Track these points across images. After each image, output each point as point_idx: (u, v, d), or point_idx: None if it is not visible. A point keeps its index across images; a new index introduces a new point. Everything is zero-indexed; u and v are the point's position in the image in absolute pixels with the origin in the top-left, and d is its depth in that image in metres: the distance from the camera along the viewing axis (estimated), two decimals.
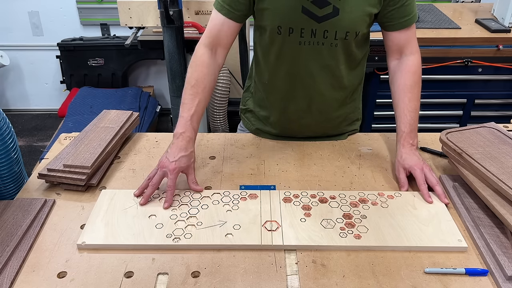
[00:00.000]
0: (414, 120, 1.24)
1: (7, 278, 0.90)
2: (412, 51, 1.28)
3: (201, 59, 1.24)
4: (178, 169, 1.13)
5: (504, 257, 0.93)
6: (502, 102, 2.45)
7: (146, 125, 2.95)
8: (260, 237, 0.99)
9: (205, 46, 1.25)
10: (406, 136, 1.23)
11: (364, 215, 1.07)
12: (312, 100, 1.34)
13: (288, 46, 1.24)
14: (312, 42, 1.22)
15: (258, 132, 1.47)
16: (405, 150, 1.22)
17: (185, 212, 1.07)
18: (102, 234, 1.00)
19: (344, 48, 1.24)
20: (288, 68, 1.29)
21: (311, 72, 1.28)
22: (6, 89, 3.62)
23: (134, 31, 2.61)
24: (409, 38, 1.27)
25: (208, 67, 1.24)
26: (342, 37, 1.21)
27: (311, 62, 1.26)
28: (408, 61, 1.28)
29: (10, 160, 1.21)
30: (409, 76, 1.26)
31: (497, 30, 2.30)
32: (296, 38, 1.22)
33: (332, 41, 1.22)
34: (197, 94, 1.21)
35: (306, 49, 1.24)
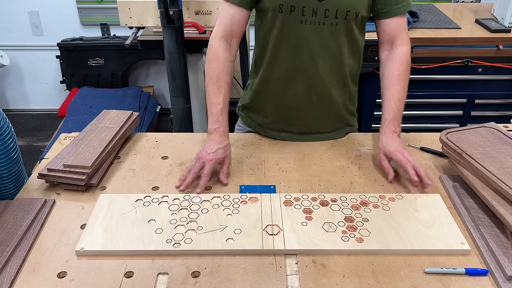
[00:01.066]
0: (399, 109, 1.28)
1: (7, 278, 0.90)
2: (403, 42, 1.32)
3: (219, 53, 1.28)
4: (215, 160, 1.20)
5: (504, 257, 0.93)
6: (502, 102, 2.45)
7: (146, 125, 2.95)
8: (262, 241, 0.99)
9: (220, 39, 1.28)
10: (388, 123, 1.27)
11: (366, 218, 1.06)
12: (311, 84, 1.34)
13: (290, 26, 1.26)
14: (313, 22, 1.24)
15: (255, 125, 1.48)
16: (386, 137, 1.26)
17: (185, 217, 1.06)
18: (100, 239, 0.99)
19: (345, 28, 1.27)
20: (289, 49, 1.30)
21: (312, 53, 1.29)
22: (6, 89, 3.62)
23: (134, 31, 2.61)
24: (401, 27, 1.31)
25: (226, 61, 1.28)
26: (343, 17, 1.24)
27: (312, 42, 1.28)
28: (398, 52, 1.32)
29: (10, 160, 1.21)
30: (397, 67, 1.31)
31: (497, 30, 2.30)
32: (297, 17, 1.24)
33: (333, 20, 1.24)
34: (221, 89, 1.26)
35: (307, 28, 1.25)
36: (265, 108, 1.44)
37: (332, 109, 1.41)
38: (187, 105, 2.47)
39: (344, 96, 1.41)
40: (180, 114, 2.48)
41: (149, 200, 1.11)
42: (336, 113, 1.43)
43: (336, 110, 1.42)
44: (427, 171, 1.24)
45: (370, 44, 2.19)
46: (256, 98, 1.45)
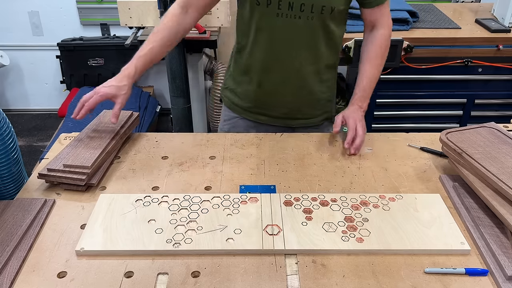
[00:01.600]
0: (369, 87, 1.42)
1: (7, 278, 0.90)
2: (383, 26, 1.41)
3: (169, 14, 1.34)
4: (105, 94, 1.24)
5: (504, 257, 0.93)
6: (502, 102, 2.45)
7: (146, 125, 2.95)
8: (262, 241, 0.99)
9: (178, 4, 1.35)
10: (357, 99, 1.41)
11: (366, 218, 1.06)
12: (289, 74, 1.41)
13: (266, 18, 1.32)
14: (289, 15, 1.29)
15: (237, 109, 1.54)
16: (352, 107, 1.40)
17: (185, 217, 1.06)
18: (100, 239, 0.99)
19: (320, 23, 1.32)
20: (266, 41, 1.36)
21: (288, 45, 1.35)
22: (6, 89, 3.62)
23: (134, 31, 2.61)
24: (382, 14, 1.40)
25: (172, 21, 1.33)
26: (319, 11, 1.28)
27: (288, 34, 1.33)
28: (377, 34, 1.41)
29: (10, 160, 1.21)
30: (375, 48, 1.41)
31: (497, 30, 2.29)
32: (273, 10, 1.29)
33: (309, 14, 1.29)
34: (153, 41, 1.31)
35: (283, 21, 1.30)
36: (245, 93, 1.50)
37: (310, 97, 1.48)
38: (187, 105, 2.47)
39: (321, 85, 1.47)
40: (180, 114, 2.48)
41: (149, 200, 1.11)
42: (313, 101, 1.50)
43: (314, 98, 1.49)
44: (426, 171, 1.25)
45: None
46: (236, 83, 1.52)
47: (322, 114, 1.55)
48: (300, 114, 1.52)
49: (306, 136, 1.43)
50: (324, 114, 1.56)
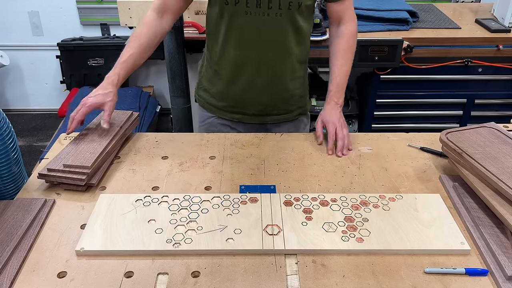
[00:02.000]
0: (342, 82, 1.42)
1: (7, 278, 0.90)
2: (349, 20, 1.43)
3: (146, 20, 1.38)
4: (93, 104, 1.27)
5: (504, 257, 0.93)
6: (502, 102, 2.45)
7: (146, 125, 2.95)
8: (262, 241, 0.99)
9: (153, 10, 1.39)
10: (332, 95, 1.42)
11: (366, 218, 1.06)
12: (261, 72, 1.42)
13: (236, 17, 1.33)
14: (258, 13, 1.31)
15: (211, 108, 1.55)
16: (328, 106, 1.41)
17: (185, 217, 1.06)
18: (100, 239, 0.99)
19: (289, 18, 1.33)
20: (237, 39, 1.37)
21: (259, 43, 1.36)
22: (6, 89, 3.62)
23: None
24: (346, 8, 1.42)
25: (149, 27, 1.37)
26: (286, 7, 1.30)
27: (258, 32, 1.35)
28: (344, 29, 1.43)
29: (9, 160, 1.21)
30: (343, 42, 1.43)
31: (497, 30, 2.29)
32: (242, 9, 1.31)
33: (277, 11, 1.30)
34: (132, 48, 1.34)
35: (252, 19, 1.32)
36: (219, 92, 1.51)
37: (283, 93, 1.49)
38: (187, 105, 2.47)
39: (294, 81, 1.48)
40: (180, 114, 2.48)
41: (149, 200, 1.11)
42: (286, 97, 1.51)
43: (287, 94, 1.50)
44: (426, 171, 1.25)
45: (370, 44, 2.20)
46: (210, 83, 1.53)
47: (296, 109, 1.56)
48: (275, 110, 1.53)
49: (306, 136, 1.43)
50: (298, 110, 1.56)
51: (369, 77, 2.40)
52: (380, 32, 2.27)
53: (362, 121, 2.53)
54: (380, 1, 2.44)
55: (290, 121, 1.57)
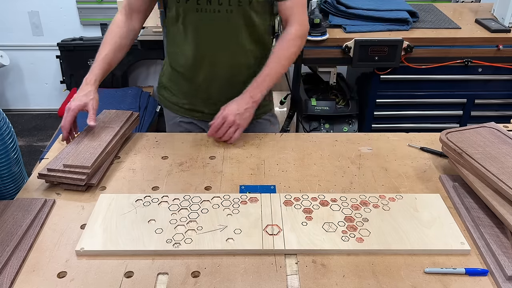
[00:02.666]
0: (268, 80, 1.38)
1: (7, 278, 0.90)
2: (293, 23, 1.39)
3: (114, 23, 1.43)
4: (76, 107, 1.27)
5: (504, 257, 0.93)
6: (502, 102, 2.45)
7: (146, 125, 2.95)
8: (262, 241, 0.99)
9: (121, 13, 1.44)
10: (251, 89, 1.37)
11: (366, 218, 1.06)
12: (219, 70, 1.42)
13: (189, 15, 1.35)
14: (209, 10, 1.32)
15: (171, 106, 1.56)
16: (242, 96, 1.37)
17: (185, 217, 1.06)
18: (100, 239, 0.99)
19: (241, 15, 1.33)
20: (192, 37, 1.38)
21: (212, 40, 1.37)
22: (6, 89, 3.62)
23: None
24: (293, 8, 1.38)
25: (119, 29, 1.41)
26: (236, 3, 1.30)
27: (211, 29, 1.35)
28: (287, 31, 1.40)
29: (9, 160, 1.21)
30: (282, 45, 1.39)
31: (497, 30, 2.29)
32: (193, 6, 1.32)
33: (227, 7, 1.31)
34: (105, 50, 1.38)
35: (204, 16, 1.33)
36: (178, 91, 1.52)
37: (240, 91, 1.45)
38: None
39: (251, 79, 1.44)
40: None
41: (149, 200, 1.11)
42: None
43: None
44: (426, 171, 1.25)
45: (370, 44, 2.20)
46: (171, 82, 1.54)
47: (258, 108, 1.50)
48: None
49: (306, 136, 1.43)
50: (261, 108, 1.52)
51: (369, 77, 2.40)
52: (380, 32, 2.27)
53: (362, 121, 2.53)
54: (380, 1, 2.44)
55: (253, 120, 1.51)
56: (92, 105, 1.30)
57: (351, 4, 2.39)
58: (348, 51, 2.22)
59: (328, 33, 2.21)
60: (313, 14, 2.19)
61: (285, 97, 2.55)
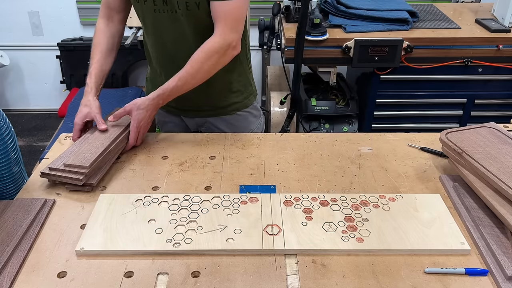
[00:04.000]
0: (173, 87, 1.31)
1: (7, 278, 0.90)
2: (217, 32, 1.28)
3: (97, 29, 1.45)
4: (80, 118, 1.33)
5: (504, 257, 0.93)
6: (502, 102, 2.45)
7: None
8: (262, 241, 0.99)
9: (101, 18, 1.46)
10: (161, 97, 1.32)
11: (366, 218, 1.06)
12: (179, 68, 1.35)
13: (148, 15, 1.36)
14: (166, 10, 1.32)
15: None
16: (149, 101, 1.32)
17: (185, 217, 1.06)
18: (100, 239, 0.99)
19: (194, 18, 1.31)
20: (154, 37, 1.39)
21: (174, 40, 1.37)
22: (6, 89, 3.62)
23: (134, 31, 2.61)
24: (219, 14, 1.26)
25: (104, 33, 1.44)
26: (184, 8, 1.29)
27: (170, 29, 1.35)
28: (209, 39, 1.29)
29: (9, 160, 1.21)
30: (199, 52, 1.29)
31: (497, 30, 2.29)
32: (151, 6, 1.32)
33: (183, 10, 1.30)
34: (96, 56, 1.43)
35: (162, 17, 1.33)
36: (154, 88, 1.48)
37: (212, 90, 1.46)
38: None
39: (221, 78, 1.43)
40: None
41: (149, 200, 1.11)
42: (217, 93, 1.50)
43: (216, 90, 1.48)
44: (426, 171, 1.25)
45: (370, 44, 2.20)
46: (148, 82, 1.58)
47: (231, 105, 1.52)
48: (206, 107, 1.52)
49: (306, 136, 1.43)
50: (234, 105, 1.53)
51: (369, 77, 2.40)
52: (380, 32, 2.27)
53: (362, 121, 2.53)
54: (380, 1, 2.44)
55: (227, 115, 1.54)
56: (94, 112, 1.34)
57: (351, 4, 2.39)
58: (348, 51, 2.22)
59: (328, 33, 2.21)
60: (313, 14, 2.19)
61: (285, 97, 2.55)
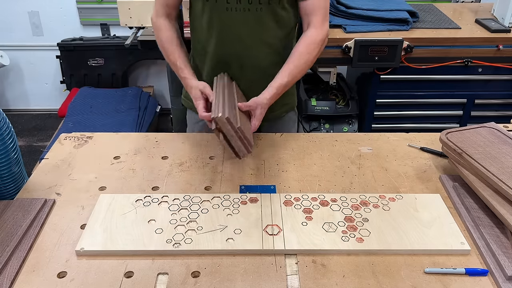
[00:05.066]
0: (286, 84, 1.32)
1: (7, 278, 0.90)
2: (316, 26, 1.34)
3: (161, 27, 1.40)
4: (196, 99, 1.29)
5: (504, 257, 0.93)
6: (502, 102, 2.45)
7: (146, 125, 2.94)
8: (262, 241, 0.99)
9: (160, 16, 1.41)
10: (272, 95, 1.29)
11: (366, 218, 1.06)
12: (246, 69, 1.40)
13: (217, 13, 1.33)
14: (238, 8, 1.30)
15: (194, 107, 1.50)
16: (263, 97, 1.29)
17: (185, 217, 1.06)
18: (100, 239, 0.99)
19: (270, 13, 1.31)
20: (219, 34, 1.36)
21: (241, 39, 1.36)
22: (6, 89, 3.62)
23: (134, 31, 2.61)
24: (316, 11, 1.33)
25: (169, 30, 1.40)
26: (266, 2, 1.29)
27: (240, 28, 1.34)
28: (308, 33, 1.35)
29: (10, 160, 1.21)
30: (303, 46, 1.34)
31: (497, 30, 2.29)
32: (223, 4, 1.30)
33: (257, 6, 1.30)
34: (175, 51, 1.39)
35: (234, 15, 1.31)
36: None
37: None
38: None
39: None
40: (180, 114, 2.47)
41: (149, 200, 1.12)
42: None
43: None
44: (426, 171, 1.25)
45: (370, 44, 2.20)
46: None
47: (281, 107, 1.51)
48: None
49: (306, 136, 1.43)
50: (284, 107, 1.53)
51: (369, 77, 2.40)
52: (380, 32, 2.27)
53: (362, 121, 2.53)
54: (380, 1, 2.44)
55: (278, 119, 1.54)
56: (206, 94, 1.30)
57: (351, 4, 2.39)
58: (348, 51, 2.22)
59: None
60: None
61: None
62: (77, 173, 1.24)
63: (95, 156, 1.31)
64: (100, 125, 2.73)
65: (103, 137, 1.41)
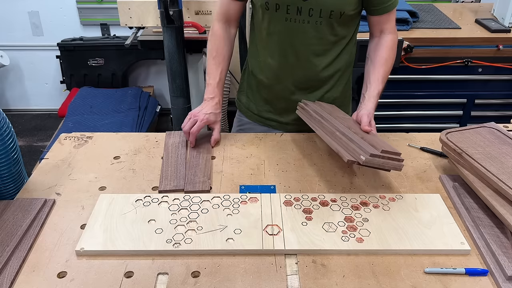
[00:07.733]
0: (379, 90, 1.39)
1: (7, 278, 0.90)
2: (391, 31, 1.39)
3: (217, 33, 1.43)
4: (206, 121, 1.34)
5: (504, 257, 0.93)
6: (502, 102, 2.45)
7: (146, 125, 2.95)
8: (262, 241, 0.99)
9: (219, 22, 1.43)
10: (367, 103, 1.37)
11: (366, 218, 1.06)
12: (301, 80, 1.41)
13: (276, 23, 1.33)
14: (298, 20, 1.30)
15: (249, 113, 1.55)
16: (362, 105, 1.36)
17: (185, 217, 1.06)
18: (100, 239, 0.99)
19: (329, 27, 1.32)
20: (277, 44, 1.37)
21: (298, 50, 1.36)
22: (6, 89, 3.62)
23: (134, 31, 2.61)
24: (390, 20, 1.38)
25: (224, 39, 1.42)
26: (327, 16, 1.29)
27: (297, 39, 1.34)
28: (387, 38, 1.38)
29: (10, 160, 1.21)
30: (386, 51, 1.37)
31: (497, 30, 2.29)
32: (282, 15, 1.30)
33: (317, 19, 1.29)
34: (219, 64, 1.41)
35: (292, 25, 1.31)
36: (258, 98, 1.51)
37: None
38: (187, 105, 2.47)
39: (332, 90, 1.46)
40: (180, 114, 2.48)
41: (149, 200, 1.12)
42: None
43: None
44: (426, 171, 1.25)
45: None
46: (250, 88, 1.53)
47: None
48: None
49: (306, 136, 1.43)
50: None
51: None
52: None
53: None
54: None
55: None
56: (219, 126, 1.38)
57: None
58: None
59: None
60: None
61: None
62: (77, 173, 1.24)
63: (95, 156, 1.31)
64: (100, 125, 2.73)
65: (103, 137, 1.41)
